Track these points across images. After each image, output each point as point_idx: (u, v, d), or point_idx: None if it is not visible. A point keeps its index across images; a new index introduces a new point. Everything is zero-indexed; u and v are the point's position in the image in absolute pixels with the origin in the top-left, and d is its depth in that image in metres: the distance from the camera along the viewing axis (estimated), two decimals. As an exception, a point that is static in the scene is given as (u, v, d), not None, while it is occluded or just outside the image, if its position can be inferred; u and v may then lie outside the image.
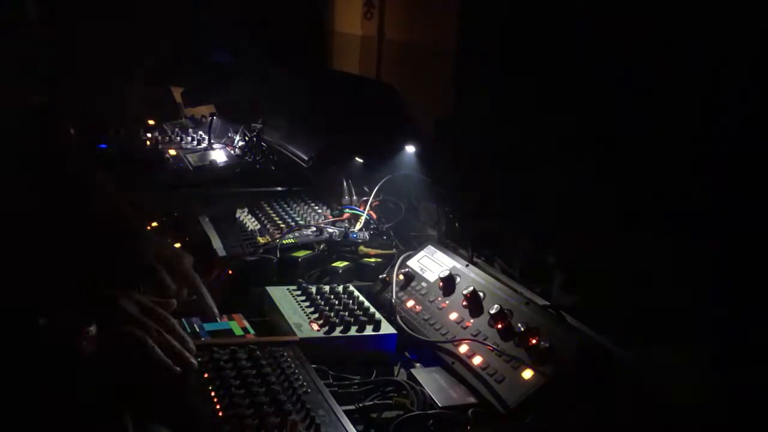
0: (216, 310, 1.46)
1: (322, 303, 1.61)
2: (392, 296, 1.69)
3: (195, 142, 3.01)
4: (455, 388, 1.41)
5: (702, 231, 1.39)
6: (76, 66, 2.87)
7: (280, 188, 2.40)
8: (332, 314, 1.54)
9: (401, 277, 1.78)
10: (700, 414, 1.22)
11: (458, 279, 1.68)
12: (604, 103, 1.65)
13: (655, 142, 1.52)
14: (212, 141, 2.99)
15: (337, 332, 1.50)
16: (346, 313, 1.56)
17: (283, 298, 1.64)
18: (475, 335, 1.50)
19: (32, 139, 1.55)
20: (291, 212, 2.16)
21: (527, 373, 1.35)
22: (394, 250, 1.94)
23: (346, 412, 1.21)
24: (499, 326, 1.47)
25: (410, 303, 1.70)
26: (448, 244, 1.94)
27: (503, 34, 2.01)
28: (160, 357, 1.25)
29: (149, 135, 2.99)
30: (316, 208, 2.20)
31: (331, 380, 1.39)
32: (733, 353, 1.26)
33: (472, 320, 1.55)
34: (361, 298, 1.67)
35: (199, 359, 1.31)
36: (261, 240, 1.92)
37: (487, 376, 1.39)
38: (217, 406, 1.18)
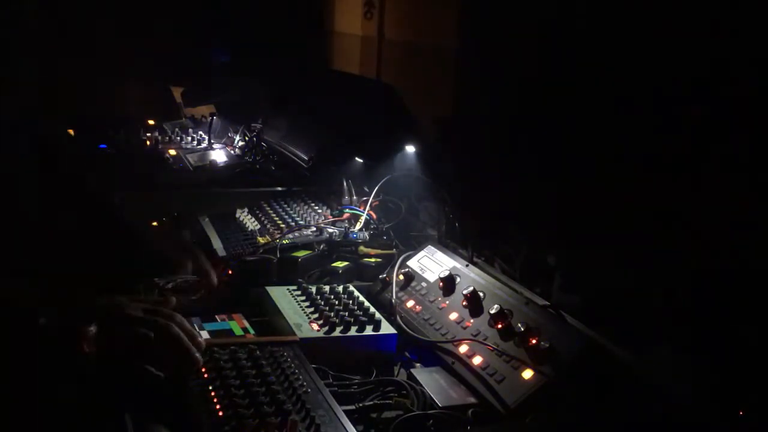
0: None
1: (322, 303, 1.61)
2: (392, 296, 1.69)
3: (195, 142, 3.00)
4: (455, 388, 1.41)
5: (703, 231, 1.39)
6: (74, 66, 2.87)
7: (280, 188, 2.39)
8: (332, 314, 1.54)
9: (401, 277, 1.78)
10: (700, 413, 1.22)
11: (458, 279, 1.68)
12: (603, 102, 1.65)
13: (658, 142, 1.52)
14: (212, 141, 2.99)
15: (337, 332, 1.50)
16: (346, 313, 1.56)
17: (283, 298, 1.64)
18: (475, 335, 1.50)
19: (33, 142, 1.56)
20: (291, 212, 2.15)
21: (527, 373, 1.35)
22: (394, 250, 1.94)
23: (346, 412, 1.21)
24: (499, 326, 1.47)
25: (410, 303, 1.70)
26: (448, 244, 1.94)
27: (503, 34, 2.01)
28: (163, 352, 1.25)
29: (149, 135, 2.99)
30: (316, 208, 2.20)
31: (331, 380, 1.38)
32: (733, 353, 1.26)
33: (472, 320, 1.55)
34: (361, 298, 1.67)
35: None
36: (261, 240, 1.92)
37: (487, 376, 1.39)
38: (217, 406, 1.18)
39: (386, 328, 1.55)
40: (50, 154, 1.61)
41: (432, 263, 1.80)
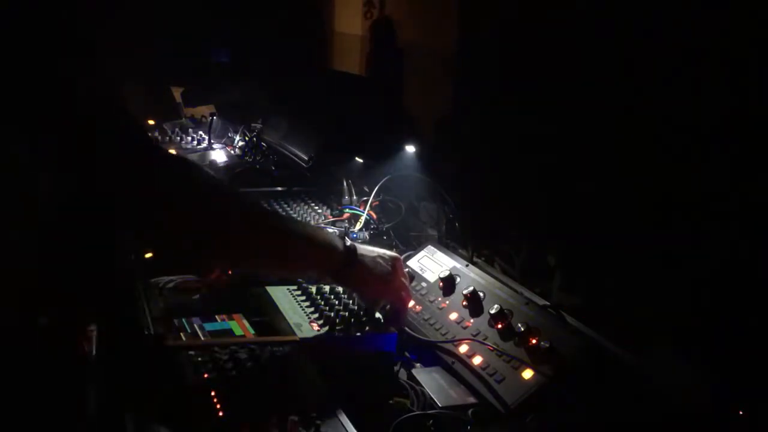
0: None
1: (322, 303, 1.61)
2: (392, 296, 1.69)
3: (195, 142, 3.00)
4: (455, 388, 1.41)
5: (704, 232, 1.39)
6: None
7: (280, 188, 2.40)
8: (332, 314, 1.54)
9: (401, 277, 1.77)
10: (699, 414, 1.22)
11: (458, 279, 1.68)
12: (603, 103, 1.65)
13: (658, 142, 1.52)
14: (212, 141, 2.99)
15: (337, 332, 1.50)
16: (346, 313, 1.56)
17: (283, 298, 1.64)
18: (475, 335, 1.50)
19: None
20: (291, 212, 2.15)
21: (527, 373, 1.35)
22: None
23: (346, 411, 1.21)
24: (499, 326, 1.47)
25: (410, 303, 1.70)
26: (448, 244, 1.94)
27: (503, 34, 2.01)
28: None
29: (149, 135, 2.99)
30: (316, 208, 2.20)
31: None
32: (733, 354, 1.26)
33: (472, 320, 1.55)
34: (362, 298, 1.67)
35: (200, 359, 1.31)
36: (261, 240, 1.91)
37: (487, 376, 1.39)
38: (217, 406, 1.18)
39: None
40: None
41: (432, 263, 1.80)
